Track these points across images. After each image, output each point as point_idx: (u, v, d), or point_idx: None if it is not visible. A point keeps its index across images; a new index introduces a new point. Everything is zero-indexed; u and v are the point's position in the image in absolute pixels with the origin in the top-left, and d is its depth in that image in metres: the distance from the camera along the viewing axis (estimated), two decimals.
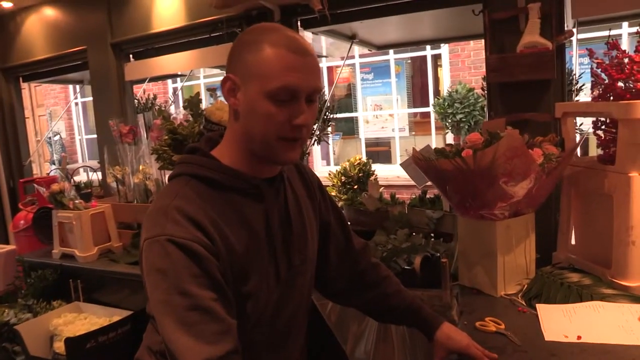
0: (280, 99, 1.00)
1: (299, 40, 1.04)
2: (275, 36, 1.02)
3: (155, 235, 0.98)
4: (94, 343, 2.20)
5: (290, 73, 0.99)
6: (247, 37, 1.06)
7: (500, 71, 2.12)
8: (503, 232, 1.74)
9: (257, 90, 1.01)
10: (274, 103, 1.00)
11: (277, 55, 0.99)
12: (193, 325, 0.92)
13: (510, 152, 1.63)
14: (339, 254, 1.38)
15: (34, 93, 7.76)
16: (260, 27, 1.08)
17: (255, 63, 1.01)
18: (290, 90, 1.00)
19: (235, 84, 1.05)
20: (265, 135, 1.03)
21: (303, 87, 1.01)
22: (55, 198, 2.69)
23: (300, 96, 1.02)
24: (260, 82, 1.00)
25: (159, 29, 3.12)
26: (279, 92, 1.00)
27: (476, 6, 2.25)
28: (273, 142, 1.04)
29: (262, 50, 1.00)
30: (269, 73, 0.99)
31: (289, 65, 1.00)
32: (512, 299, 1.72)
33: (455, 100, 5.62)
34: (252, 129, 1.04)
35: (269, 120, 1.01)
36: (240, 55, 1.04)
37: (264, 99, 1.00)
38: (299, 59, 1.01)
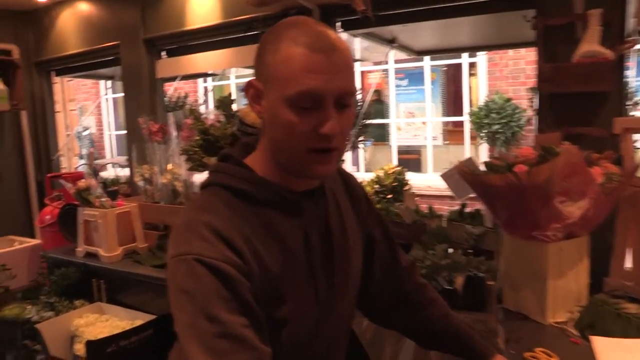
0: (302, 105, 0.88)
1: (324, 35, 0.89)
2: (295, 32, 0.89)
3: (182, 253, 0.88)
4: (114, 347, 2.12)
5: (310, 75, 0.86)
6: (268, 36, 0.94)
7: (553, 81, 1.99)
8: (555, 255, 1.63)
9: (277, 97, 0.89)
10: (296, 111, 0.88)
11: (297, 55, 0.87)
12: (222, 355, 0.82)
13: (568, 169, 1.52)
14: (383, 270, 1.27)
15: (66, 88, 7.81)
16: (283, 22, 0.94)
17: (274, 65, 0.89)
18: (313, 95, 0.87)
19: (258, 89, 0.94)
20: (291, 147, 0.91)
21: (328, 90, 0.88)
22: (81, 195, 2.64)
23: (326, 101, 0.88)
24: (280, 87, 0.89)
25: (193, 26, 3.05)
26: (300, 98, 0.87)
27: (528, 12, 2.13)
28: (301, 155, 0.91)
29: (281, 50, 0.89)
30: (288, 76, 0.87)
31: (310, 66, 0.87)
32: (562, 328, 1.60)
33: (491, 110, 5.47)
34: (277, 140, 0.94)
35: (291, 130, 0.89)
36: (262, 57, 0.93)
37: (284, 106, 0.89)
38: (323, 58, 0.87)
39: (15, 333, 2.41)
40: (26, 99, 3.82)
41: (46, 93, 4.06)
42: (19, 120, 3.91)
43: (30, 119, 3.97)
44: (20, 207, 3.95)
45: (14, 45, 3.84)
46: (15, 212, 3.90)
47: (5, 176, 3.84)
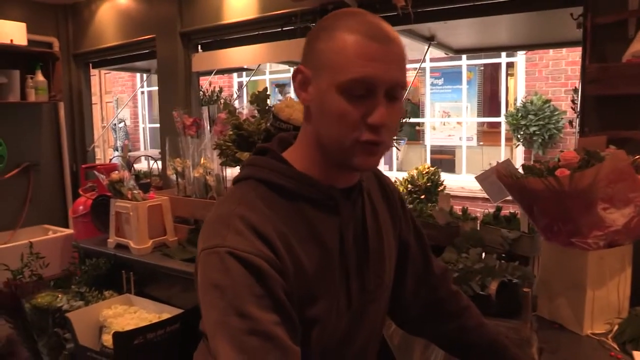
0: (354, 93, 0.86)
1: (380, 25, 0.88)
2: (352, 21, 0.88)
3: (214, 246, 0.86)
4: (142, 339, 2.14)
5: (366, 62, 0.85)
6: (322, 23, 0.93)
7: (600, 82, 1.90)
8: (595, 264, 1.55)
9: (328, 84, 0.87)
10: (347, 98, 0.86)
11: (352, 42, 0.86)
12: (252, 353, 0.79)
13: (614, 175, 1.44)
14: (416, 278, 1.22)
15: (103, 80, 7.97)
16: (338, 12, 0.93)
17: (327, 52, 0.88)
18: (366, 83, 0.86)
19: (306, 76, 0.92)
20: (339, 136, 0.89)
21: (382, 79, 0.86)
22: (114, 187, 2.65)
23: (378, 90, 0.87)
24: (332, 74, 0.86)
25: (229, 20, 3.05)
26: (352, 85, 0.86)
27: (574, 9, 2.05)
28: (348, 145, 0.89)
29: (336, 37, 0.87)
30: (342, 63, 0.86)
31: (366, 53, 0.85)
32: (600, 340, 1.53)
33: (529, 111, 5.33)
34: (324, 128, 0.91)
35: (341, 118, 0.87)
36: (313, 44, 0.91)
37: (335, 93, 0.86)
38: (379, 46, 0.86)
39: (47, 320, 2.44)
40: (64, 90, 3.90)
41: (83, 85, 4.13)
42: (57, 112, 4.00)
43: (67, 111, 4.06)
44: (56, 197, 4.03)
45: (54, 37, 3.92)
46: (51, 201, 3.99)
47: (42, 166, 3.92)
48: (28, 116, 3.82)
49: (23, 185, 3.80)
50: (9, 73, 3.46)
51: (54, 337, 2.44)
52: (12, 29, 3.37)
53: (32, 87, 3.56)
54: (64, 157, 4.04)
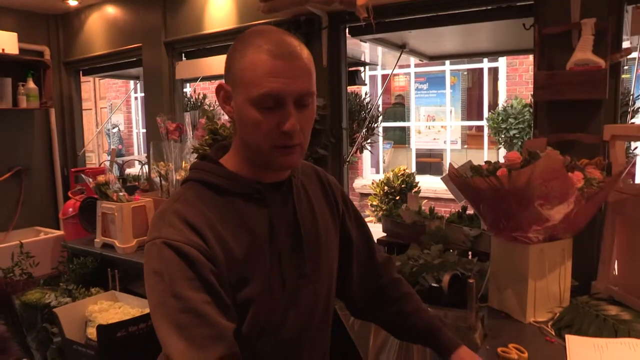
0: (265, 105, 0.99)
1: (285, 43, 1.00)
2: (260, 40, 0.99)
3: (153, 238, 0.99)
4: (124, 332, 2.25)
5: (272, 79, 0.97)
6: (235, 44, 1.04)
7: (548, 88, 2.04)
8: (536, 257, 1.68)
9: (243, 98, 1.00)
10: (260, 110, 0.99)
11: (259, 61, 0.97)
12: (185, 329, 0.92)
13: (547, 173, 1.56)
14: (361, 268, 1.35)
15: (98, 86, 8.08)
16: (248, 32, 1.05)
17: (240, 70, 1.00)
18: (274, 96, 0.98)
19: (227, 92, 1.05)
20: (258, 143, 1.02)
21: (288, 91, 0.98)
22: (100, 189, 2.78)
23: (286, 102, 0.99)
24: (245, 90, 0.99)
25: (210, 30, 3.18)
26: (262, 99, 0.98)
27: (528, 20, 2.18)
28: (266, 150, 1.02)
29: (246, 56, 0.99)
30: (252, 80, 0.98)
31: (271, 70, 0.97)
32: (541, 327, 1.65)
33: (509, 115, 5.46)
34: (246, 137, 1.04)
35: (256, 128, 1.00)
36: (230, 63, 1.03)
37: (249, 106, 1.00)
38: (283, 63, 0.98)
39: (36, 316, 2.55)
40: (55, 97, 4.02)
41: (74, 92, 4.25)
42: (48, 118, 4.13)
43: (58, 117, 4.19)
44: (47, 200, 4.16)
45: (45, 46, 4.05)
46: (42, 204, 4.11)
47: (34, 170, 4.04)
48: (20, 122, 3.95)
49: (15, 188, 3.93)
50: (1, 81, 3.59)
51: (42, 332, 2.56)
52: (4, 39, 3.50)
53: (23, 94, 3.68)
54: (55, 162, 4.16)
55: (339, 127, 2.78)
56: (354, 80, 3.42)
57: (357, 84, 3.45)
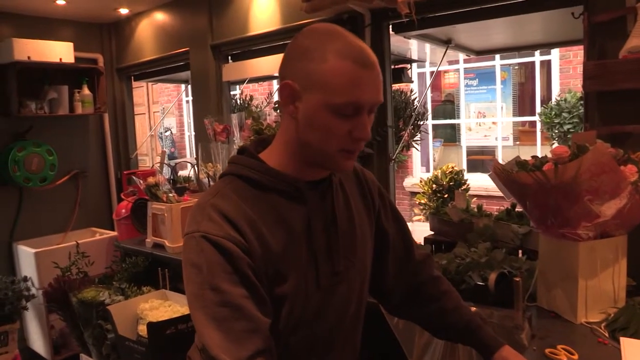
0: (344, 113, 0.99)
1: (365, 51, 1.00)
2: (340, 45, 0.98)
3: (192, 231, 1.01)
4: (173, 330, 2.31)
5: (357, 88, 0.97)
6: (308, 43, 1.01)
7: (598, 79, 1.95)
8: (586, 254, 1.61)
9: (319, 102, 0.99)
10: (337, 117, 0.99)
11: (344, 68, 0.97)
12: (223, 321, 0.93)
13: (596, 167, 1.51)
14: (397, 264, 1.34)
15: (151, 91, 8.33)
16: (321, 31, 1.03)
17: (319, 73, 0.98)
18: (355, 106, 0.98)
19: (295, 91, 1.01)
20: (325, 146, 1.02)
21: (368, 101, 1.00)
22: (150, 190, 2.86)
23: (363, 110, 1.00)
24: (324, 95, 0.98)
25: (255, 31, 3.22)
26: (344, 107, 0.98)
27: (576, 9, 2.09)
28: (332, 153, 1.03)
29: (327, 60, 0.97)
30: (335, 87, 0.97)
31: (356, 80, 0.97)
32: (593, 328, 1.58)
33: (563, 109, 5.27)
34: (310, 138, 1.03)
35: (328, 132, 1.00)
36: (301, 62, 1.00)
37: (326, 111, 0.99)
38: (365, 72, 0.98)
39: (91, 313, 2.66)
40: (108, 103, 4.18)
41: (126, 97, 4.39)
42: (102, 122, 4.28)
43: (111, 121, 4.34)
44: (102, 202, 4.31)
45: (99, 54, 4.21)
46: (98, 206, 4.27)
47: (90, 173, 4.20)
48: (76, 127, 4.11)
49: (72, 191, 4.09)
50: (59, 89, 3.76)
51: (97, 328, 2.66)
52: (61, 49, 3.66)
53: (79, 101, 3.84)
54: (109, 165, 4.32)
55: (384, 125, 2.75)
56: (399, 78, 3.37)
57: (404, 82, 3.39)
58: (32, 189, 3.77)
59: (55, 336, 3.52)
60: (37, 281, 3.43)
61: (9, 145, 3.65)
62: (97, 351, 2.70)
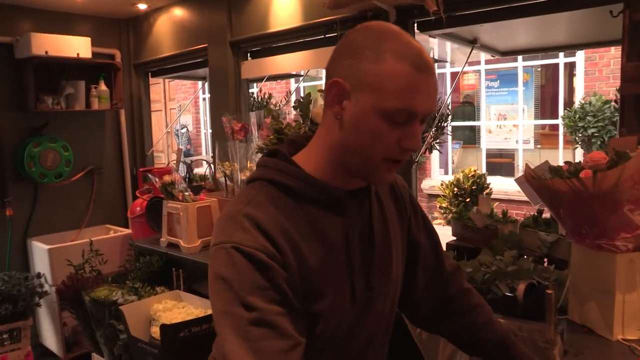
0: (395, 119, 0.91)
1: (424, 54, 0.92)
2: (398, 46, 0.90)
3: (222, 241, 0.92)
4: (187, 332, 2.26)
5: (413, 95, 0.90)
6: (362, 40, 0.93)
7: (637, 81, 1.86)
8: (624, 267, 1.52)
9: (370, 105, 0.91)
10: (387, 122, 0.91)
11: (402, 72, 0.89)
12: (255, 341, 0.85)
13: (639, 175, 1.41)
14: (427, 276, 1.26)
15: (168, 87, 8.31)
16: (378, 30, 0.94)
17: (373, 74, 0.90)
18: (409, 113, 0.91)
19: (344, 90, 0.94)
20: (370, 153, 0.94)
21: (423, 110, 0.92)
22: (166, 189, 2.81)
23: (416, 119, 0.92)
24: (377, 97, 0.90)
25: (275, 28, 3.15)
26: (397, 113, 0.90)
27: (615, 6, 2.00)
28: (375, 162, 0.95)
29: (384, 61, 0.89)
30: (389, 90, 0.89)
31: (413, 85, 0.89)
32: (631, 346, 1.49)
33: (587, 112, 5.14)
34: (355, 143, 0.95)
35: (376, 138, 0.92)
36: (354, 60, 0.92)
37: (377, 115, 0.91)
38: (424, 78, 0.90)
39: (104, 312, 2.62)
40: (125, 99, 4.15)
41: (143, 93, 4.36)
42: (118, 119, 4.26)
43: (128, 118, 4.31)
44: (117, 199, 4.29)
45: (116, 49, 4.18)
46: (113, 203, 4.25)
47: (105, 170, 4.18)
48: (92, 123, 4.09)
49: (87, 187, 4.07)
50: (75, 84, 3.73)
51: (110, 328, 2.62)
52: (78, 44, 3.63)
53: (95, 96, 3.81)
54: (124, 161, 4.29)
55: None
56: None
57: None
58: (47, 185, 3.75)
59: (68, 334, 3.50)
60: (51, 278, 3.41)
61: (25, 141, 3.64)
62: (108, 351, 2.66)
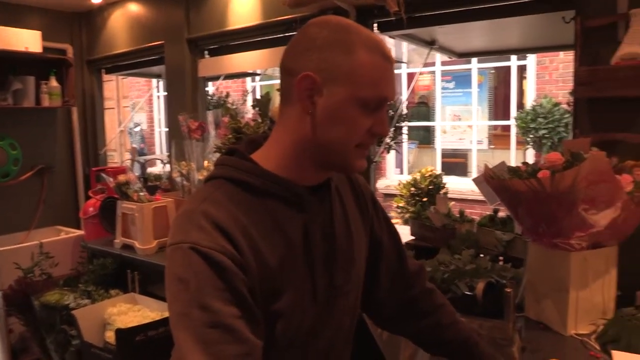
0: (370, 108, 0.94)
1: (385, 45, 0.97)
2: (364, 37, 0.94)
3: (179, 241, 0.89)
4: (143, 336, 2.20)
5: (384, 82, 0.95)
6: (329, 34, 0.93)
7: (590, 85, 1.92)
8: (578, 265, 1.57)
9: (346, 95, 0.92)
10: (362, 111, 0.94)
11: (375, 62, 0.93)
12: (212, 345, 0.82)
13: (593, 176, 1.46)
14: (390, 276, 1.25)
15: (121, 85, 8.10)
16: (340, 23, 0.95)
17: (347, 65, 0.92)
18: (382, 100, 0.95)
19: (315, 84, 0.93)
20: (346, 142, 0.95)
21: (391, 96, 0.97)
22: (120, 189, 2.74)
23: (385, 105, 0.97)
24: (352, 87, 0.92)
25: (234, 26, 3.12)
26: (372, 101, 0.94)
27: (567, 13, 2.06)
28: (350, 151, 0.96)
29: (357, 53, 0.92)
30: (365, 80, 0.92)
31: (383, 74, 0.95)
32: (583, 341, 1.54)
33: (539, 114, 5.32)
34: (330, 135, 0.95)
35: (352, 127, 0.94)
36: (323, 53, 0.92)
37: (352, 105, 0.93)
38: (390, 67, 0.97)
39: (55, 317, 2.53)
40: (77, 96, 4.00)
41: (96, 90, 4.24)
42: (70, 116, 4.12)
43: (80, 115, 4.17)
44: (68, 199, 4.14)
45: (68, 44, 4.04)
46: (64, 203, 4.10)
47: (56, 169, 4.03)
48: (42, 121, 3.93)
49: (37, 187, 3.91)
50: (24, 79, 3.57)
51: (61, 333, 2.53)
52: (28, 37, 3.48)
53: (46, 93, 3.66)
54: (76, 160, 4.15)
55: None
56: None
57: None
58: None
59: (14, 340, 3.35)
60: None
61: None
62: (59, 358, 2.57)
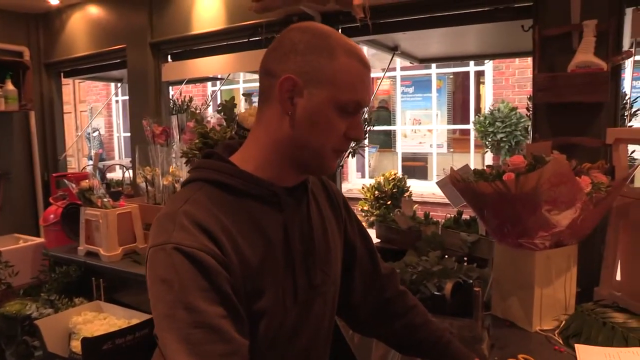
0: (348, 111, 0.97)
1: (362, 52, 1.01)
2: (343, 43, 0.97)
3: (161, 242, 0.90)
4: (110, 345, 2.15)
5: (362, 87, 0.98)
6: (310, 39, 0.96)
7: (548, 91, 2.00)
8: (542, 263, 1.63)
9: (326, 98, 0.95)
10: (340, 114, 0.97)
11: (354, 67, 0.97)
12: (198, 345, 0.83)
13: (555, 178, 1.52)
14: (364, 279, 1.28)
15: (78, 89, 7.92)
16: (320, 29, 0.99)
17: (329, 69, 0.94)
18: (359, 104, 0.98)
19: (296, 85, 0.95)
20: (322, 144, 0.98)
21: (367, 101, 1.01)
22: (83, 195, 2.68)
23: (361, 110, 1.01)
24: (333, 91, 0.95)
25: (198, 30, 3.10)
26: (350, 105, 0.97)
27: (526, 22, 2.14)
28: (327, 153, 0.99)
29: (338, 57, 0.95)
30: (345, 83, 0.95)
31: (362, 79, 0.98)
32: (547, 336, 1.60)
33: (496, 119, 5.48)
34: (308, 136, 0.97)
35: (329, 130, 0.97)
36: (305, 57, 0.95)
37: (331, 108, 0.96)
38: (367, 72, 1.00)
39: (16, 329, 2.45)
40: (35, 100, 3.90)
41: (55, 94, 4.13)
42: (28, 121, 4.00)
43: (38, 120, 4.06)
44: (27, 206, 4.02)
45: (25, 47, 3.93)
46: (22, 210, 3.98)
47: (13, 175, 3.91)
48: None
49: None
50: None
51: (22, 345, 2.45)
52: None
53: (2, 96, 3.55)
54: (35, 166, 4.03)
55: None
56: None
57: None
58: None
59: None
60: None
61: None
62: None
